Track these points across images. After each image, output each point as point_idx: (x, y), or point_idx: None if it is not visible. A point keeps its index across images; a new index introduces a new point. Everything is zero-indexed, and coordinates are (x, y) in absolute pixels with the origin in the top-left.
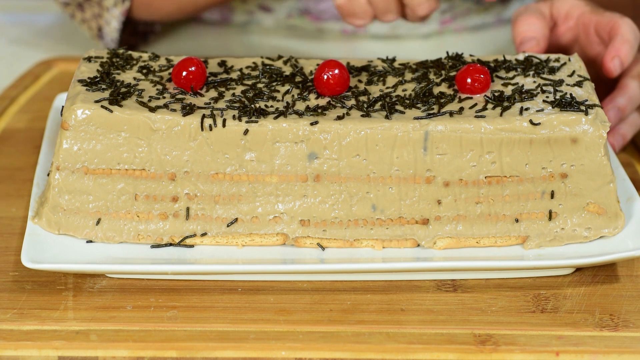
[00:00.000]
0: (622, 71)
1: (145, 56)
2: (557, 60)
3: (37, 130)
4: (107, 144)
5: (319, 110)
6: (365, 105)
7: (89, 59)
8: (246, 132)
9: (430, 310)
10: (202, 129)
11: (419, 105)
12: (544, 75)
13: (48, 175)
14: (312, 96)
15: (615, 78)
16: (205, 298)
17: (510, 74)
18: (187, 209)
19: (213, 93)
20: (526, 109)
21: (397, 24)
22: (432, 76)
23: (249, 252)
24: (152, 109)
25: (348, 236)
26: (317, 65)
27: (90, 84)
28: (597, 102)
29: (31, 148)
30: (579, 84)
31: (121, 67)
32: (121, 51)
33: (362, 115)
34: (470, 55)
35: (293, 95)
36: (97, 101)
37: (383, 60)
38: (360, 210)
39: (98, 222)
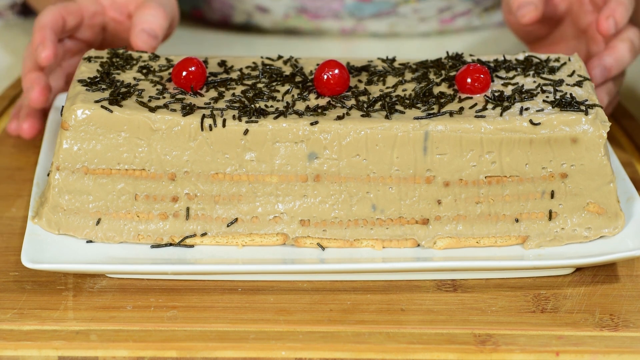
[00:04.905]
0: (616, 32)
1: (145, 56)
2: (557, 60)
3: None
4: (107, 144)
5: (319, 110)
6: (365, 105)
7: (89, 59)
8: (246, 132)
9: (430, 310)
10: (202, 129)
11: (419, 105)
12: (544, 75)
13: (48, 175)
14: (312, 96)
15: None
16: (205, 298)
17: (510, 74)
18: (187, 209)
19: (213, 93)
20: (526, 109)
21: (396, 22)
22: (432, 76)
23: (249, 252)
24: (152, 109)
25: (348, 236)
26: (317, 65)
27: (90, 84)
28: (597, 102)
29: (31, 148)
30: (579, 84)
31: (121, 67)
32: (121, 51)
33: (362, 115)
34: (470, 55)
35: (293, 95)
36: (97, 101)
37: (383, 60)
38: (360, 210)
39: (98, 222)
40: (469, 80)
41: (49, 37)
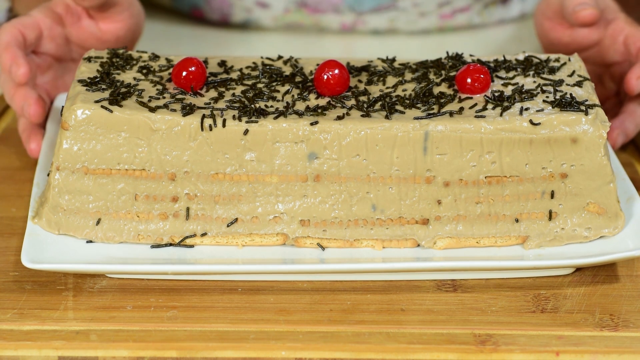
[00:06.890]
0: None
1: (145, 56)
2: (557, 60)
3: None
4: (107, 144)
5: (319, 110)
6: (365, 105)
7: (89, 59)
8: (246, 132)
9: (430, 310)
10: (202, 129)
11: (419, 105)
12: (544, 75)
13: (48, 175)
14: (312, 96)
15: (619, 85)
16: (205, 298)
17: (510, 74)
18: (187, 209)
19: (213, 93)
20: (526, 109)
21: (395, 16)
22: (432, 76)
23: (249, 252)
24: (152, 109)
25: (348, 236)
26: (317, 65)
27: (90, 84)
28: (597, 102)
29: None
30: (579, 84)
31: (121, 67)
32: (121, 51)
33: (362, 115)
34: (470, 55)
35: (293, 95)
36: (97, 101)
37: (383, 60)
38: (360, 210)
39: (98, 222)
40: (469, 80)
41: (18, 53)
